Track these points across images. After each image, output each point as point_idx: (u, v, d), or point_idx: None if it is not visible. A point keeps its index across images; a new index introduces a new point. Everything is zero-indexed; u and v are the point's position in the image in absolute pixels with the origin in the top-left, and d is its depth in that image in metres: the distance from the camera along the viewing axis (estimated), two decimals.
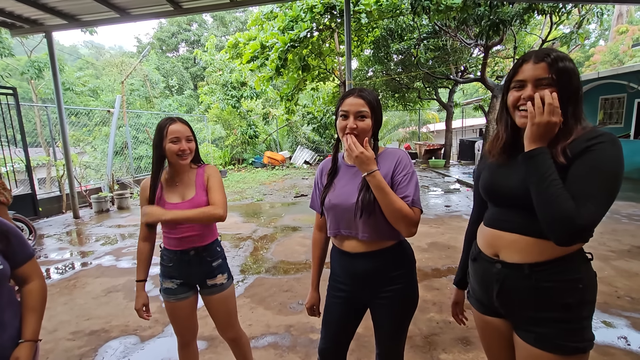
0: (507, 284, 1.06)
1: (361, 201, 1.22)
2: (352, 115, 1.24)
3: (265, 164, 14.10)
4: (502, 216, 1.09)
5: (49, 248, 4.83)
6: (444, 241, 4.36)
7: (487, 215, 1.18)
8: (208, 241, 1.62)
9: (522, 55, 1.05)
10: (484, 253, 1.13)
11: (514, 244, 1.04)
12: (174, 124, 1.50)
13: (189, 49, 27.86)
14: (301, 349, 2.31)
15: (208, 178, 1.61)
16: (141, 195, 1.60)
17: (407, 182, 1.23)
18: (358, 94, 1.26)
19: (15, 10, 5.69)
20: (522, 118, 1.01)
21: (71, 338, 2.55)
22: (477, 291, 1.19)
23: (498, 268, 1.07)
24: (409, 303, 1.34)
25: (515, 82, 1.03)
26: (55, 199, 7.14)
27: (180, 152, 1.50)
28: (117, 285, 3.46)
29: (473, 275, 1.20)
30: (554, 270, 0.99)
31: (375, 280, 1.30)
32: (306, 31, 8.24)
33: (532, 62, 0.99)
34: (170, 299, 1.63)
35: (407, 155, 1.31)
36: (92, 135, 11.06)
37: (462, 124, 17.86)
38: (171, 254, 1.60)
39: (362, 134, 1.24)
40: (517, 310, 1.07)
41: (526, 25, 8.35)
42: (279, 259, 4.00)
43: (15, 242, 1.14)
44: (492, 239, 1.11)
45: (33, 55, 11.99)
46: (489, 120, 9.97)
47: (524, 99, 1.00)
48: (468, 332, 2.42)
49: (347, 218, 1.28)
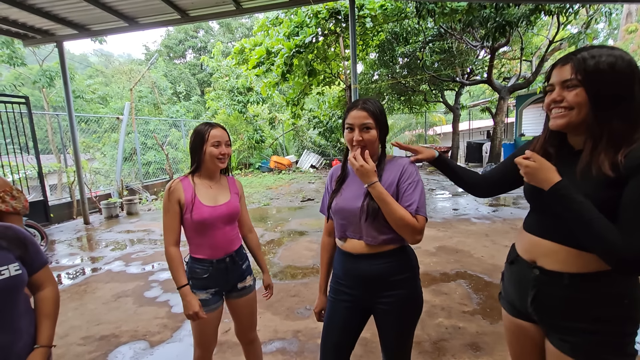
0: (544, 291, 1.03)
1: (366, 205, 1.26)
2: (357, 127, 1.28)
3: (271, 168, 14.16)
4: (543, 223, 1.06)
5: (60, 254, 4.90)
6: (452, 245, 4.32)
7: (528, 218, 1.15)
8: (237, 245, 1.67)
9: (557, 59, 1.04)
10: (522, 257, 1.10)
11: (555, 253, 1.00)
12: (214, 129, 1.56)
13: (196, 55, 28.24)
14: (309, 354, 2.30)
15: (240, 195, 1.72)
16: (171, 196, 1.52)
17: (412, 191, 1.25)
18: (361, 107, 1.28)
19: (28, 22, 5.84)
20: (553, 120, 1.01)
21: (82, 343, 2.57)
22: (511, 294, 1.16)
23: (536, 274, 1.04)
24: (412, 309, 1.34)
25: (547, 86, 1.03)
26: (66, 205, 7.25)
27: (221, 156, 1.55)
28: (127, 290, 3.49)
29: (509, 278, 1.18)
30: (596, 284, 0.95)
31: (377, 283, 1.30)
32: (311, 36, 8.30)
33: (560, 65, 0.98)
34: (205, 311, 1.55)
35: (412, 163, 1.33)
36: (101, 142, 11.24)
37: (469, 126, 17.76)
38: (206, 265, 1.55)
39: (369, 145, 1.29)
40: (550, 318, 1.03)
41: (533, 27, 8.31)
42: (286, 263, 4.00)
43: (32, 249, 1.17)
44: (530, 246, 1.08)
45: (44, 64, 12.27)
46: (496, 122, 9.89)
47: (550, 102, 1.00)
48: (478, 337, 2.39)
49: (353, 221, 1.31)
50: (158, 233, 5.70)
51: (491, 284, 3.21)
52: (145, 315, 2.96)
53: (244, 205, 1.74)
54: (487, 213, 5.86)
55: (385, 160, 1.35)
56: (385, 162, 1.34)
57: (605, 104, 0.91)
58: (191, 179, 1.58)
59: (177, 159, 11.95)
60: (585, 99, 0.92)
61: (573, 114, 0.95)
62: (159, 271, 3.96)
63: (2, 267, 1.05)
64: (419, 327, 2.54)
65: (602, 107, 0.91)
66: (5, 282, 1.05)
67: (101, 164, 10.75)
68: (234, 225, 1.66)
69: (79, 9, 5.43)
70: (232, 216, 1.61)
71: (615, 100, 0.90)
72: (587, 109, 0.93)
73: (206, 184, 1.60)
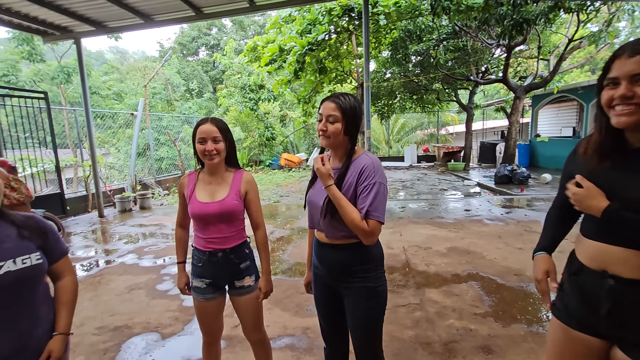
0: (623, 302, 0.94)
1: (326, 204, 1.34)
2: (324, 118, 1.34)
3: (282, 165, 14.22)
4: (607, 227, 0.97)
5: (75, 245, 5.02)
6: (464, 246, 4.26)
7: (588, 225, 1.05)
8: (234, 244, 1.62)
9: (617, 48, 0.95)
10: (588, 267, 1.02)
11: (629, 259, 0.92)
12: (203, 125, 1.54)
13: (209, 52, 28.49)
14: (318, 351, 2.30)
15: (247, 191, 1.64)
16: (179, 188, 1.68)
17: (367, 194, 1.28)
18: (332, 100, 1.34)
19: (47, 18, 5.98)
20: (617, 117, 0.92)
21: (96, 333, 2.64)
22: (574, 307, 1.07)
23: (610, 284, 0.95)
24: (372, 299, 1.39)
25: (608, 80, 0.94)
26: (81, 198, 7.43)
27: (206, 153, 1.52)
28: (140, 283, 3.56)
29: (573, 291, 1.08)
30: None
31: (339, 270, 1.41)
32: (324, 34, 8.26)
33: (626, 56, 0.89)
34: (199, 297, 1.65)
35: (373, 164, 1.32)
36: (116, 137, 11.47)
37: (483, 126, 17.47)
38: (200, 254, 1.62)
39: (332, 136, 1.34)
40: (628, 332, 0.95)
41: (551, 24, 8.10)
42: (295, 260, 4.01)
43: (52, 238, 1.19)
44: (597, 254, 1.00)
45: (62, 61, 12.56)
46: (511, 122, 9.70)
47: (617, 98, 0.91)
48: (490, 340, 2.35)
49: (317, 215, 1.43)
50: (170, 227, 5.78)
51: (504, 286, 3.16)
52: (157, 307, 3.01)
53: (251, 200, 1.65)
54: (500, 215, 5.76)
55: (353, 158, 1.37)
56: (353, 160, 1.37)
57: None
58: (197, 173, 1.66)
59: (189, 155, 12.09)
60: None
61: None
62: (171, 265, 4.02)
63: (24, 256, 1.08)
64: (430, 328, 2.51)
65: None
66: (27, 270, 1.08)
67: (115, 158, 10.97)
68: (233, 223, 1.61)
69: (97, 6, 5.53)
70: (224, 214, 1.56)
71: None
72: None
73: (207, 179, 1.62)
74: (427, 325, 2.56)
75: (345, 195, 1.31)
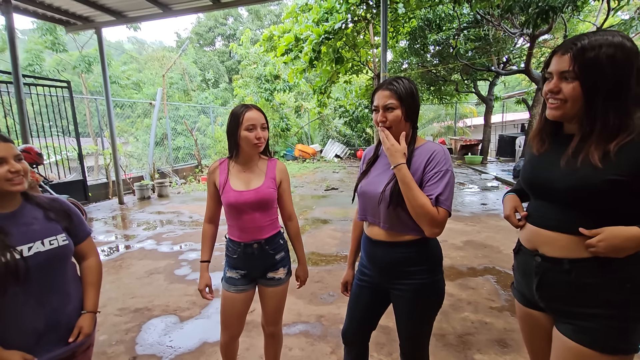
0: (547, 277, 1.04)
1: (387, 191, 1.24)
2: (381, 108, 1.27)
3: (296, 156, 14.24)
4: (542, 211, 1.07)
5: (97, 231, 5.20)
6: (481, 240, 4.19)
7: (529, 208, 1.15)
8: (268, 234, 1.58)
9: (558, 44, 1.03)
10: (525, 247, 1.13)
11: (554, 241, 1.02)
12: (249, 111, 1.48)
13: (225, 42, 28.55)
14: (332, 339, 2.33)
15: (281, 180, 1.62)
16: (209, 177, 1.61)
17: (437, 180, 1.20)
18: (386, 87, 1.26)
19: (70, 8, 6.10)
20: (548, 109, 1.03)
21: (118, 314, 2.74)
22: (520, 283, 1.18)
23: (538, 261, 1.06)
24: (428, 301, 1.30)
25: (547, 74, 1.02)
26: (102, 186, 7.66)
27: (256, 140, 1.48)
28: (159, 267, 3.66)
29: (517, 268, 1.20)
30: (597, 268, 0.95)
31: (393, 270, 1.31)
32: (341, 22, 8.14)
33: (560, 54, 0.96)
34: (231, 289, 1.59)
35: (444, 151, 1.26)
36: (134, 127, 11.71)
37: (502, 119, 16.97)
38: (235, 246, 1.57)
39: (394, 125, 1.26)
40: (556, 304, 1.05)
41: (579, 12, 7.72)
42: (309, 250, 4.04)
43: (76, 220, 1.24)
44: (531, 235, 1.10)
45: (83, 50, 12.84)
46: (532, 114, 9.39)
47: (547, 92, 1.00)
48: (505, 334, 2.33)
49: (372, 206, 1.32)
50: (187, 215, 5.91)
51: None
52: (175, 291, 3.10)
53: (285, 190, 1.64)
54: None
55: (416, 145, 1.30)
56: (416, 146, 1.30)
57: (601, 97, 0.90)
58: (229, 162, 1.60)
59: (205, 144, 12.26)
60: (580, 93, 0.92)
61: (567, 107, 0.96)
62: (188, 251, 4.12)
63: (52, 237, 1.13)
64: (444, 320, 2.50)
65: (597, 100, 0.91)
66: (56, 251, 1.13)
67: (134, 147, 11.22)
68: (268, 212, 1.57)
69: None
70: (261, 202, 1.53)
71: (611, 93, 0.90)
72: (581, 102, 0.93)
73: (241, 167, 1.58)
74: (442, 317, 2.55)
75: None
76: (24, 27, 40.29)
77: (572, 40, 0.94)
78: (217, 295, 2.96)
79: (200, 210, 6.25)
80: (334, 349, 2.23)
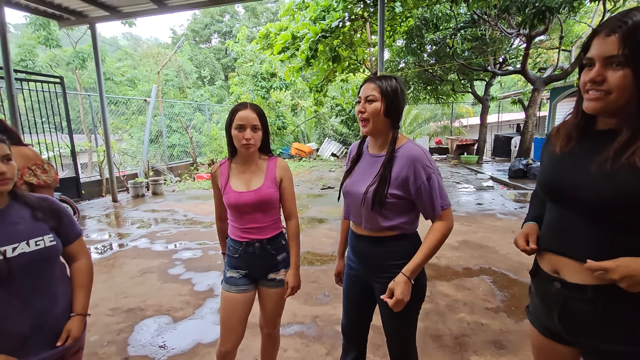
0: (568, 307, 0.89)
1: (370, 193, 1.26)
2: (362, 99, 1.29)
3: (292, 155, 14.20)
4: (563, 226, 0.92)
5: (90, 229, 5.13)
6: (476, 240, 4.20)
7: (546, 220, 1.01)
8: (270, 234, 1.56)
9: (599, 24, 0.85)
10: (542, 269, 0.98)
11: (576, 263, 0.87)
12: (242, 111, 1.44)
13: (221, 40, 28.38)
14: (327, 340, 2.31)
15: (282, 178, 1.57)
16: (213, 180, 1.62)
17: (428, 195, 1.23)
18: (371, 80, 1.29)
19: (63, 3, 6.00)
20: (586, 102, 0.84)
21: (110, 314, 2.70)
22: (539, 309, 1.02)
23: (557, 288, 0.91)
24: (413, 295, 1.29)
25: (586, 60, 0.84)
26: (95, 183, 7.57)
27: (244, 141, 1.44)
28: (152, 266, 3.62)
29: (535, 293, 1.05)
30: (627, 296, 0.79)
31: (375, 264, 1.34)
32: (338, 21, 8.10)
33: (604, 35, 0.78)
34: (232, 289, 1.55)
35: (425, 153, 1.25)
36: (129, 124, 11.59)
37: (498, 119, 17.06)
38: (237, 245, 1.56)
39: (372, 117, 1.27)
40: (582, 339, 0.89)
41: (575, 13, 7.75)
42: (305, 249, 4.01)
43: (66, 221, 1.20)
44: (550, 255, 0.96)
45: (77, 46, 12.67)
46: (528, 114, 9.43)
47: (588, 82, 0.82)
48: (502, 335, 2.32)
49: (356, 206, 1.34)
50: (181, 214, 5.85)
51: (517, 281, 3.10)
52: (169, 291, 3.05)
53: (286, 188, 1.59)
54: (513, 209, 5.65)
55: (397, 145, 1.28)
56: (397, 146, 1.28)
57: None
58: (229, 163, 1.58)
59: (200, 142, 12.17)
60: (632, 83, 0.75)
61: (611, 99, 0.79)
62: (182, 250, 4.08)
63: (38, 238, 1.09)
64: (440, 321, 2.49)
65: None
66: (41, 252, 1.09)
67: (128, 145, 11.11)
68: (269, 212, 1.55)
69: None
70: (261, 203, 1.50)
71: None
72: (631, 94, 0.76)
73: (241, 168, 1.55)
74: (438, 318, 2.54)
75: (398, 189, 1.23)
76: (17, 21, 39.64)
77: (620, 17, 0.76)
78: (212, 296, 2.94)
79: (194, 208, 6.19)
80: (329, 350, 2.21)
